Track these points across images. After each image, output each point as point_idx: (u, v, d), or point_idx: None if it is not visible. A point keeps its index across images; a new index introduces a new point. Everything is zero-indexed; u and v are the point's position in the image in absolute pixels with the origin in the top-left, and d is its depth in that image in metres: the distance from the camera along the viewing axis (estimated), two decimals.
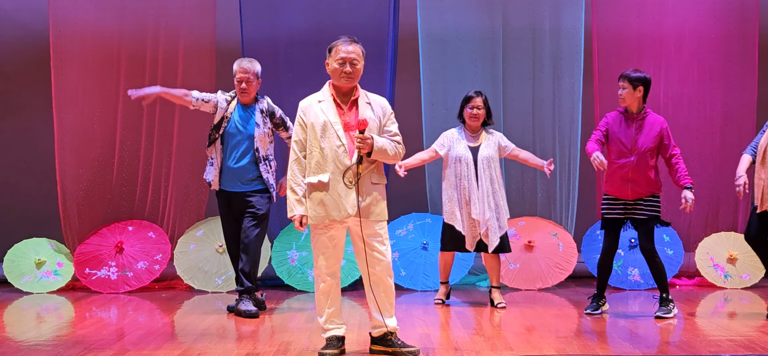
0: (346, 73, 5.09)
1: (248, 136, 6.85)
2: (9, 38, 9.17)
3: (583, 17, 8.65)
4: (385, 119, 5.19)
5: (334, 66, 5.13)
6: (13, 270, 8.56)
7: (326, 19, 8.59)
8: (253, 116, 6.90)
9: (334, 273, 5.16)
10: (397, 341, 5.18)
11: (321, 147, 5.07)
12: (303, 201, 5.11)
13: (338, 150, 5.04)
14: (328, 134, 5.07)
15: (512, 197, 8.82)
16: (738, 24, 8.68)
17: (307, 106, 5.21)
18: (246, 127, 6.86)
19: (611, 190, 6.63)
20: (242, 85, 6.87)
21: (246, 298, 6.82)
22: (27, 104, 9.24)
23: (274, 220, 8.76)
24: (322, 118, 5.10)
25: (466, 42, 8.70)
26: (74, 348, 5.47)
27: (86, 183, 8.61)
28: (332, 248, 5.11)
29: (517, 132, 8.75)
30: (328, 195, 5.03)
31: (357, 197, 5.01)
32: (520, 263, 8.44)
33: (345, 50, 5.10)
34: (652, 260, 6.61)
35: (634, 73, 6.60)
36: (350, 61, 5.09)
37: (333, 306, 5.18)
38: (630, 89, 6.57)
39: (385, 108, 5.22)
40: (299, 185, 5.13)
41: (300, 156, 5.15)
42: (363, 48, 5.20)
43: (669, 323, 6.34)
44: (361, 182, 5.03)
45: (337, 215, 5.03)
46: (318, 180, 5.05)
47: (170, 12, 8.59)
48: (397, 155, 5.18)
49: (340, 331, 5.21)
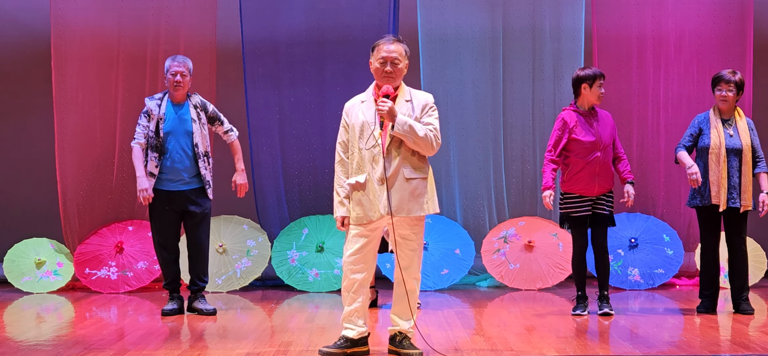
0: (387, 73, 5.03)
1: (186, 132, 6.79)
2: (9, 38, 9.17)
3: (583, 17, 8.65)
4: (421, 112, 5.06)
5: (375, 65, 5.07)
6: (13, 269, 8.56)
7: (326, 18, 8.59)
8: (187, 112, 6.83)
9: (361, 270, 5.08)
10: (404, 342, 5.16)
11: (359, 148, 5.05)
12: (345, 203, 5.09)
13: (374, 150, 5.01)
14: (365, 135, 5.04)
15: (512, 197, 8.83)
16: (738, 24, 8.68)
17: (351, 106, 5.16)
18: (182, 124, 6.79)
19: (576, 188, 6.54)
20: (177, 78, 6.75)
21: (202, 297, 6.92)
22: (27, 104, 9.24)
23: (274, 220, 8.77)
24: (361, 118, 5.06)
25: (466, 42, 8.70)
26: (74, 348, 5.47)
27: (86, 183, 8.61)
28: (363, 247, 5.07)
29: (518, 132, 8.76)
30: (365, 196, 5.02)
31: (384, 170, 4.95)
32: (520, 264, 8.44)
33: (386, 49, 5.04)
34: (605, 257, 6.65)
35: None
36: (391, 60, 5.03)
37: (353, 304, 5.12)
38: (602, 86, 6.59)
39: (426, 102, 5.11)
40: (342, 187, 5.11)
41: (343, 157, 5.13)
42: (407, 47, 5.14)
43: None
44: (390, 178, 4.97)
45: (372, 215, 5.01)
46: (356, 181, 5.04)
47: (170, 12, 8.59)
48: (430, 142, 5.01)
49: (352, 332, 5.13)
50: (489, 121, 8.72)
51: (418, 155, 5.06)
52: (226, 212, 8.66)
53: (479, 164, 8.77)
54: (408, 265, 5.10)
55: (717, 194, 6.57)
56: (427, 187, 5.08)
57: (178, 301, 6.91)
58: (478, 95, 8.72)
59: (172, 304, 6.88)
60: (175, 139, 6.77)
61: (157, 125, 6.75)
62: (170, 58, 6.89)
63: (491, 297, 7.92)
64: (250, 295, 8.17)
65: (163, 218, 6.84)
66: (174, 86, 6.78)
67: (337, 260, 8.37)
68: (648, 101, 8.74)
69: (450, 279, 8.37)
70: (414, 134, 4.95)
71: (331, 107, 8.45)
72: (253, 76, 8.63)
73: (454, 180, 8.77)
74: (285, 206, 8.77)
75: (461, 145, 8.75)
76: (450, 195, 8.76)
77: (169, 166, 6.76)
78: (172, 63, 6.82)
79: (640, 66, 8.72)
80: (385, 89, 5.00)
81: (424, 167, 5.08)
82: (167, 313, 6.80)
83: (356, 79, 8.11)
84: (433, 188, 5.13)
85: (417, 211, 5.03)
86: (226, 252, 8.47)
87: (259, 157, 8.69)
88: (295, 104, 8.70)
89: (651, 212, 8.74)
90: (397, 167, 4.99)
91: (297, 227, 8.60)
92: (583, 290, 6.73)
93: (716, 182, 6.56)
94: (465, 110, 8.72)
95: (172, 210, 6.82)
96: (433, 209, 5.09)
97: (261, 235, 8.59)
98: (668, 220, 8.70)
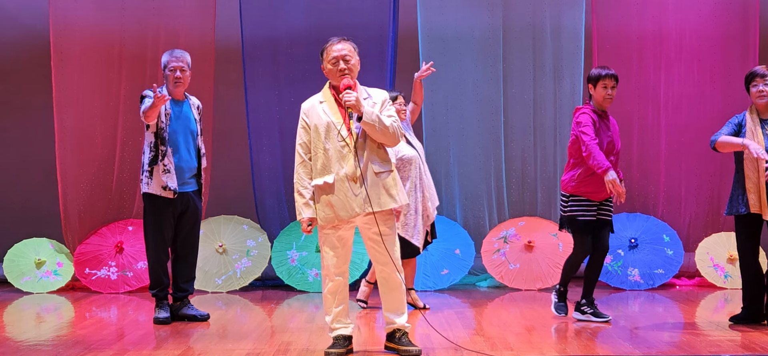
0: (342, 71, 5.10)
1: (190, 131, 6.51)
2: (9, 38, 9.17)
3: (583, 17, 8.65)
4: (381, 107, 5.13)
5: (328, 68, 5.14)
6: (13, 269, 8.56)
7: (326, 18, 8.59)
8: (189, 110, 6.54)
9: (342, 272, 5.16)
10: (402, 339, 5.18)
11: (325, 148, 5.08)
12: (310, 204, 5.11)
13: (342, 150, 5.04)
14: (331, 135, 5.07)
15: (512, 197, 8.83)
16: (739, 24, 8.67)
17: (309, 108, 5.21)
18: (186, 123, 6.50)
19: (586, 191, 6.26)
20: (177, 73, 6.43)
21: (189, 303, 6.65)
22: (27, 104, 9.23)
23: (274, 220, 8.77)
24: (324, 119, 5.10)
25: (466, 42, 8.70)
26: (74, 348, 5.47)
27: (87, 183, 8.61)
28: (340, 247, 5.12)
29: (518, 132, 8.76)
30: (335, 196, 5.04)
31: (356, 161, 4.99)
32: (520, 264, 8.44)
33: (336, 49, 5.11)
34: (602, 261, 6.43)
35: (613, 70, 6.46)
36: (343, 57, 5.10)
37: (340, 305, 5.18)
38: (615, 87, 6.40)
39: (384, 97, 5.20)
40: (306, 188, 5.13)
41: (305, 159, 5.16)
42: (354, 44, 5.20)
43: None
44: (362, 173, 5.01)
45: (344, 214, 5.03)
46: (324, 181, 5.06)
47: (170, 12, 8.59)
48: (395, 132, 5.08)
49: (347, 330, 5.21)
50: (489, 121, 8.71)
51: (383, 149, 5.13)
52: (226, 212, 8.66)
53: (479, 164, 8.76)
54: (388, 261, 5.11)
55: (756, 203, 6.00)
56: (395, 179, 5.14)
57: (168, 308, 6.56)
58: (479, 95, 8.72)
59: (165, 312, 6.51)
60: (181, 137, 6.48)
61: (164, 117, 6.41)
62: (167, 52, 6.55)
63: (491, 297, 7.92)
64: (250, 295, 8.17)
65: (164, 219, 6.49)
66: (174, 82, 6.47)
67: None
68: (648, 101, 8.74)
69: (450, 279, 8.37)
70: (381, 123, 5.02)
71: None
72: (253, 76, 8.62)
73: (454, 180, 8.77)
74: (285, 206, 8.77)
75: (461, 145, 8.75)
76: (450, 195, 8.76)
77: (176, 164, 6.44)
78: (170, 58, 6.48)
79: (640, 66, 8.72)
80: (346, 82, 5.06)
81: (389, 160, 5.16)
82: (162, 322, 6.43)
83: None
84: (399, 180, 5.19)
85: (389, 204, 5.08)
86: (226, 252, 8.47)
87: (259, 157, 8.69)
88: (295, 104, 8.58)
89: (651, 212, 8.74)
90: (365, 162, 5.04)
91: (297, 227, 8.59)
92: (567, 288, 6.59)
93: (755, 191, 6.00)
94: (465, 110, 8.72)
95: (172, 211, 6.53)
96: (403, 200, 5.15)
97: (261, 235, 8.59)
98: (668, 220, 8.69)
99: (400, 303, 5.18)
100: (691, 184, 8.75)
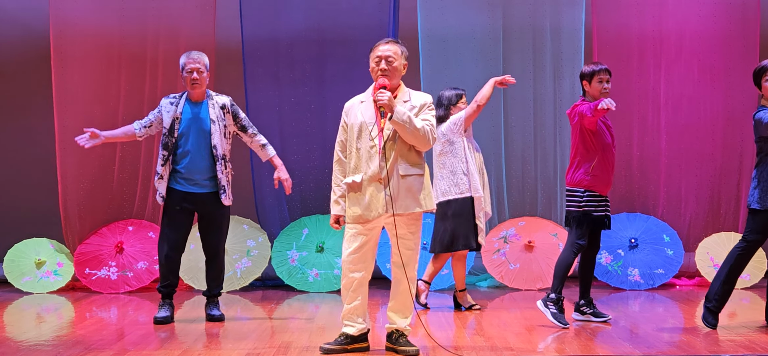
0: (382, 71, 5.09)
1: (203, 132, 6.43)
2: (10, 38, 9.17)
3: (583, 17, 8.65)
4: (420, 111, 5.08)
5: (372, 65, 5.16)
6: (13, 270, 8.56)
7: (326, 18, 8.60)
8: (205, 111, 6.46)
9: (360, 269, 5.13)
10: (400, 339, 5.19)
11: (357, 148, 5.10)
12: (340, 202, 5.17)
13: (371, 150, 5.05)
14: (363, 135, 5.09)
15: (512, 197, 8.83)
16: (739, 23, 8.68)
17: (350, 106, 5.23)
18: (199, 123, 6.43)
19: (599, 186, 6.16)
20: (194, 75, 6.39)
21: (214, 304, 6.65)
22: (27, 104, 9.24)
23: (274, 220, 8.77)
24: (359, 119, 5.12)
25: (466, 42, 8.70)
26: (74, 348, 5.47)
27: (87, 183, 8.61)
28: (362, 246, 5.12)
29: (518, 132, 8.76)
30: (362, 195, 5.06)
31: (383, 160, 4.99)
32: (520, 264, 8.44)
33: (381, 49, 5.13)
34: (596, 259, 6.38)
35: None
36: (385, 58, 5.10)
37: (353, 302, 5.18)
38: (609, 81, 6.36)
39: (424, 101, 5.14)
40: (339, 185, 5.19)
41: (341, 157, 5.21)
42: (404, 47, 5.20)
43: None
44: (387, 175, 5.01)
45: (369, 214, 5.05)
46: (352, 180, 5.09)
47: (170, 12, 8.59)
48: (426, 135, 5.03)
49: (352, 329, 5.21)
50: (489, 121, 8.71)
51: (414, 152, 5.10)
52: None
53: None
54: (405, 263, 5.11)
55: None
56: (424, 183, 5.10)
57: (170, 308, 6.55)
58: None
59: (165, 311, 6.49)
60: (192, 139, 6.43)
61: (173, 123, 6.43)
62: (185, 54, 6.52)
63: (491, 297, 7.92)
64: (250, 295, 8.18)
65: (176, 218, 6.48)
66: (191, 84, 6.43)
67: (337, 261, 8.37)
68: (648, 101, 8.74)
69: (450, 279, 8.37)
70: (412, 124, 4.98)
71: (331, 106, 8.46)
72: (253, 76, 8.62)
73: None
74: (285, 206, 8.77)
75: None
76: None
77: (186, 165, 6.42)
78: (187, 60, 6.45)
79: (640, 66, 8.72)
80: (381, 81, 5.05)
81: (420, 164, 5.12)
82: (161, 321, 6.41)
83: (356, 79, 8.09)
84: (429, 185, 5.16)
85: (413, 207, 5.06)
86: (226, 252, 8.46)
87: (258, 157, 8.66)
88: (296, 104, 8.70)
89: (651, 212, 8.74)
90: (392, 164, 5.03)
91: (297, 228, 8.60)
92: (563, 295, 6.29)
93: None
94: None
95: (185, 210, 6.50)
96: (430, 205, 5.12)
97: (261, 235, 8.59)
98: (668, 220, 8.69)
99: (405, 306, 5.19)
100: (691, 184, 8.75)
